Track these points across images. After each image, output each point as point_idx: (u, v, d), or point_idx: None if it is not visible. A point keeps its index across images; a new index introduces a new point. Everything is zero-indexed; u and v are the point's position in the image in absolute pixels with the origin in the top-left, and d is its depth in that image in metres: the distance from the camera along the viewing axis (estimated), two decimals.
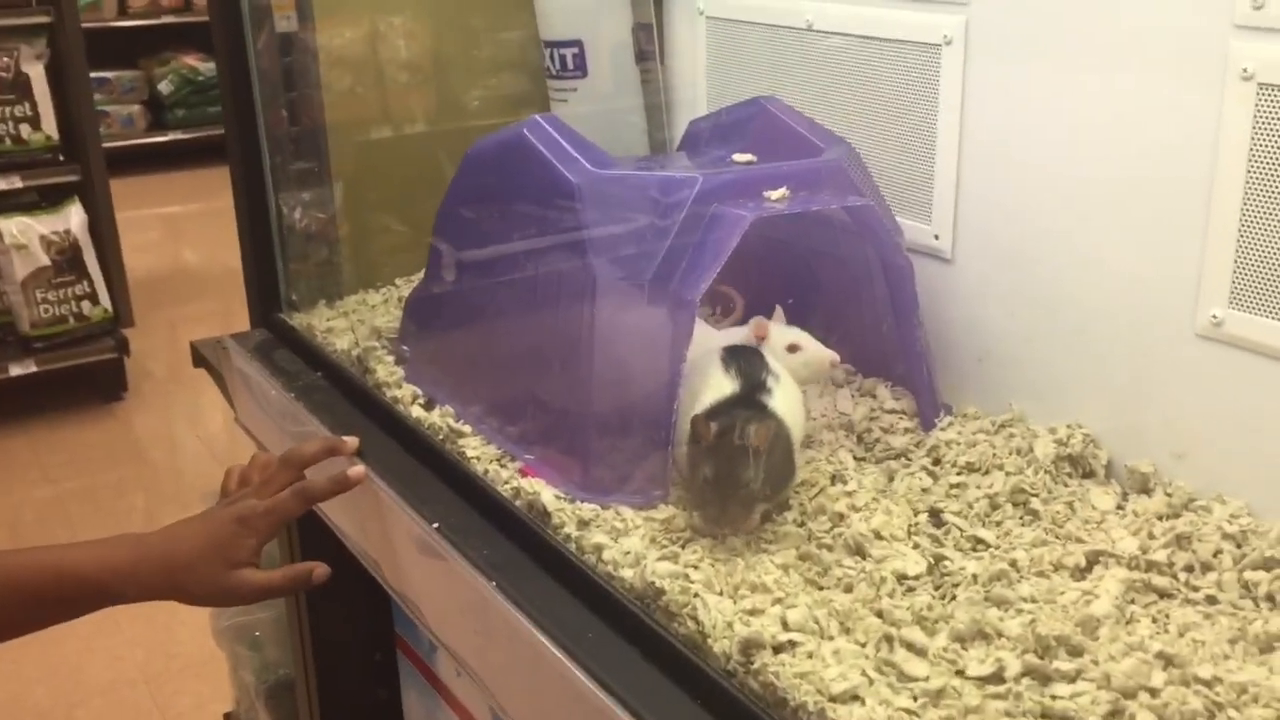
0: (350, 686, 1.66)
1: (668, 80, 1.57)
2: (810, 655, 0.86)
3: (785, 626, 0.89)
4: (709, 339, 1.16)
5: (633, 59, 1.54)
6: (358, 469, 1.14)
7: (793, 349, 1.19)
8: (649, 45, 1.54)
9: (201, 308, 4.86)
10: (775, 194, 1.10)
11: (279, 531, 1.11)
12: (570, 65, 1.52)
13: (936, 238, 1.24)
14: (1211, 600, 0.91)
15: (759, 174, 1.12)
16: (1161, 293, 1.05)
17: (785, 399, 1.05)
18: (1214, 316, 1.00)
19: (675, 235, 1.07)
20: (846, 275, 1.26)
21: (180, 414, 4.04)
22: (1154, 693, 0.80)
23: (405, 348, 1.37)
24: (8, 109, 3.67)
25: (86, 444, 3.79)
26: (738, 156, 1.21)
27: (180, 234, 6.02)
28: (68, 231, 3.80)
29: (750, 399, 1.04)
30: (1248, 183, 0.96)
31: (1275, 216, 0.95)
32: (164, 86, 6.57)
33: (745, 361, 1.07)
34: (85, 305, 3.86)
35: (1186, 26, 0.99)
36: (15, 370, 3.76)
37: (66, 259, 3.80)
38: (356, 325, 1.45)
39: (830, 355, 1.19)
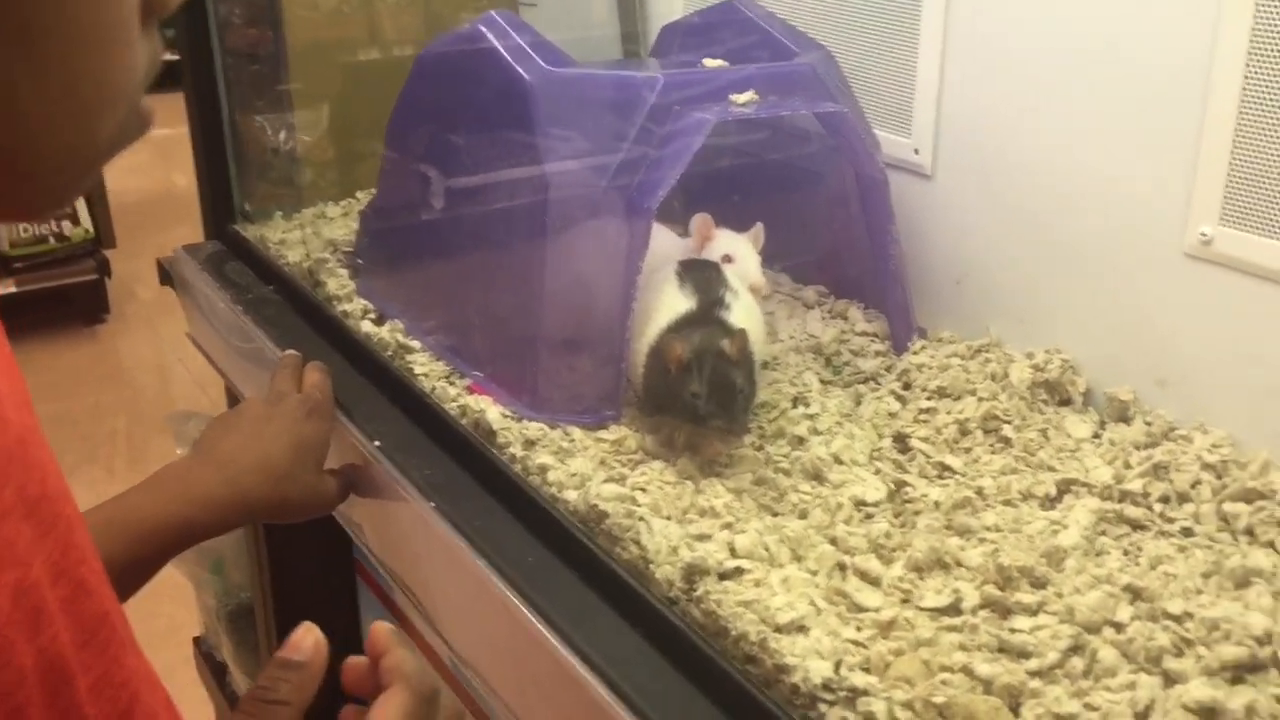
0: (309, 612, 1.61)
1: None
2: (758, 583, 0.81)
3: (733, 553, 0.84)
4: (670, 249, 1.10)
5: None
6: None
7: (727, 259, 1.10)
8: None
9: (189, 231, 4.77)
10: (742, 98, 1.03)
11: None
12: None
13: (916, 152, 1.17)
14: (1187, 533, 0.86)
15: (725, 77, 1.05)
16: (1149, 209, 0.99)
17: (744, 316, 0.99)
18: (1203, 234, 0.94)
19: (634, 140, 1.00)
20: (819, 189, 1.19)
21: (164, 337, 3.98)
22: (1119, 627, 0.75)
23: (360, 261, 1.30)
24: None
25: (67, 366, 3.74)
26: (708, 61, 1.14)
27: (170, 157, 5.90)
28: None
29: (709, 316, 0.98)
30: (1244, 89, 0.89)
31: (1272, 125, 0.88)
32: None
33: (701, 276, 1.01)
34: (66, 225, 3.80)
35: None
36: None
37: None
38: (310, 238, 1.39)
39: (758, 280, 1.10)
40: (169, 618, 2.67)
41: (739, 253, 1.11)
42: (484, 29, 1.09)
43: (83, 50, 0.47)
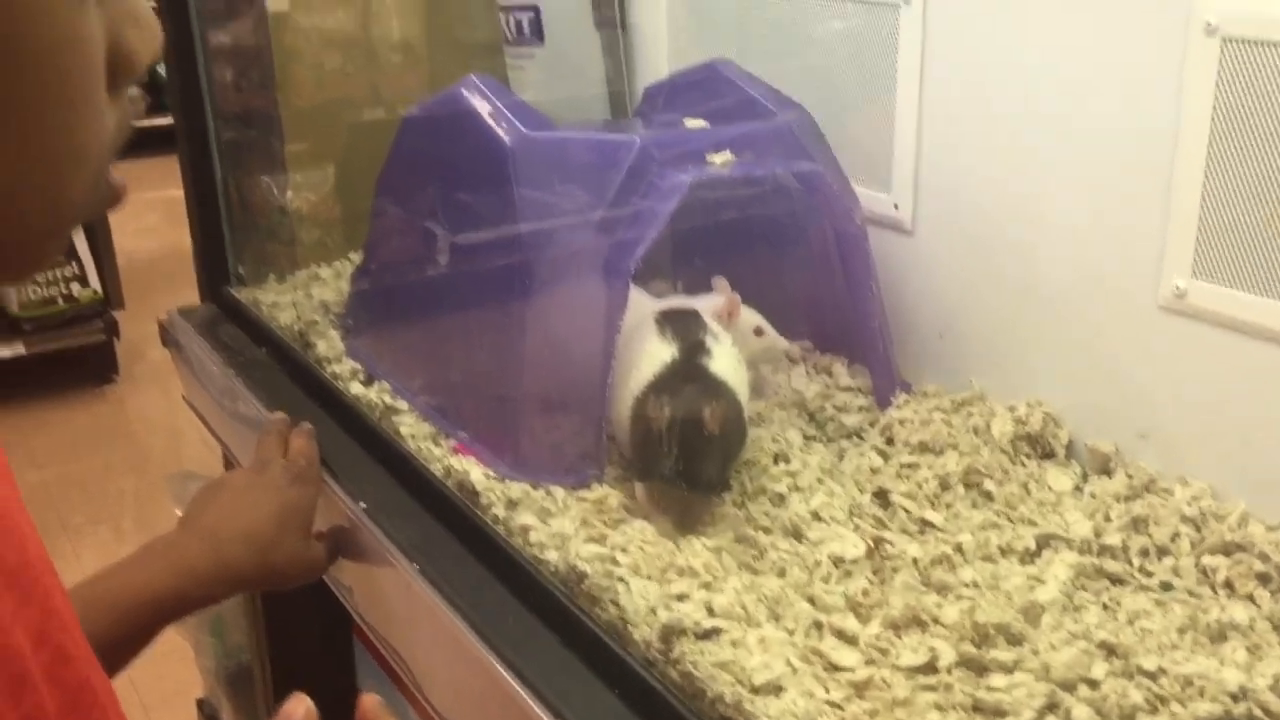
0: (306, 675, 1.62)
1: (629, 46, 1.52)
2: (735, 643, 0.81)
3: (710, 612, 0.84)
4: (650, 309, 1.10)
5: (592, 24, 1.48)
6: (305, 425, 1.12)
7: (759, 333, 1.16)
8: (609, 10, 1.49)
9: (197, 294, 4.81)
10: (718, 158, 1.05)
11: None
12: (527, 32, 1.47)
13: (896, 207, 1.19)
14: (1166, 587, 0.86)
15: (702, 137, 1.07)
16: (1124, 263, 0.99)
17: (726, 361, 0.99)
18: (1177, 287, 0.95)
19: (611, 201, 1.01)
20: (801, 246, 1.20)
21: (172, 398, 3.98)
22: (1094, 685, 0.75)
23: (350, 321, 1.32)
24: None
25: (75, 427, 3.76)
26: (689, 122, 1.16)
27: (180, 218, 5.86)
28: None
29: (690, 365, 0.98)
30: (1211, 143, 0.90)
31: (1240, 179, 0.89)
32: (164, 69, 6.53)
33: (681, 323, 1.01)
34: (75, 286, 3.84)
35: None
36: (4, 352, 3.73)
37: None
38: (302, 300, 1.40)
39: (788, 345, 1.18)
40: (175, 679, 2.65)
41: (764, 325, 1.16)
42: (464, 92, 1.11)
43: (51, 118, 0.47)
